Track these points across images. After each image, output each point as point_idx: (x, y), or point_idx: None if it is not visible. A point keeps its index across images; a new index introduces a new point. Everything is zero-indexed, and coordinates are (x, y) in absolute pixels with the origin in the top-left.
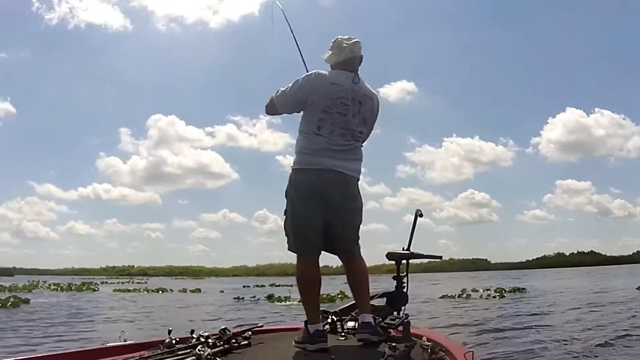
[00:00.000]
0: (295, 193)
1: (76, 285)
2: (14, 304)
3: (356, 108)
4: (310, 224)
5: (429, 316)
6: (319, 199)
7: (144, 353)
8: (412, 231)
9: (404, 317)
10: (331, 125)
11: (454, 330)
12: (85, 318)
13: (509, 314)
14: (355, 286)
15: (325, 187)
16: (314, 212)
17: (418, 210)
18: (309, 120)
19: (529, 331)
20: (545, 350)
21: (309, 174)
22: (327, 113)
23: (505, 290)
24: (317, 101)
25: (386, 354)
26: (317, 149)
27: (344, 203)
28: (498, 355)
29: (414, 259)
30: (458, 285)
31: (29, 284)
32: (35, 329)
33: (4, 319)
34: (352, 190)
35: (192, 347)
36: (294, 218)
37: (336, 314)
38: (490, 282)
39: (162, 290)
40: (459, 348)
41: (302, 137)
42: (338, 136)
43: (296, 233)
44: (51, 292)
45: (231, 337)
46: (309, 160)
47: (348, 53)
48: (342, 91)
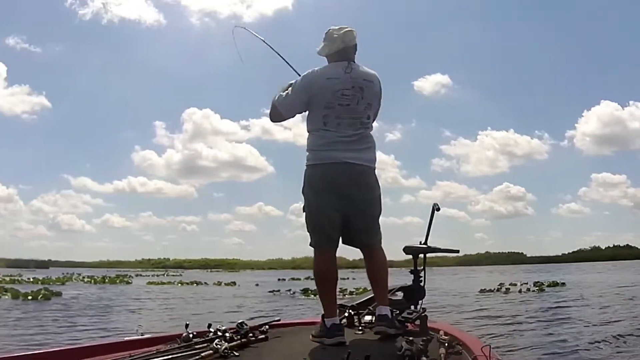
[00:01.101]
0: (310, 189)
1: (110, 277)
2: (45, 296)
3: (359, 95)
4: (327, 219)
5: (469, 310)
6: (334, 192)
7: (161, 347)
8: (429, 225)
9: (421, 311)
10: (336, 118)
11: (493, 324)
12: (114, 311)
13: (549, 308)
14: (373, 278)
15: (339, 180)
16: (330, 206)
17: (435, 204)
18: (313, 118)
19: (568, 326)
20: (584, 345)
21: (322, 169)
22: (330, 108)
23: (544, 284)
24: (318, 99)
25: (403, 348)
26: (326, 143)
27: (360, 194)
28: (532, 350)
29: (431, 252)
30: (495, 279)
31: (62, 276)
32: (63, 322)
33: (33, 311)
34: (367, 181)
35: (209, 341)
36: (311, 214)
37: (353, 308)
38: (528, 276)
39: (197, 283)
40: (476, 342)
41: (311, 135)
42: (346, 127)
43: (314, 228)
44: (84, 285)
45: (248, 331)
46: (321, 155)
47: (340, 43)
48: (339, 83)
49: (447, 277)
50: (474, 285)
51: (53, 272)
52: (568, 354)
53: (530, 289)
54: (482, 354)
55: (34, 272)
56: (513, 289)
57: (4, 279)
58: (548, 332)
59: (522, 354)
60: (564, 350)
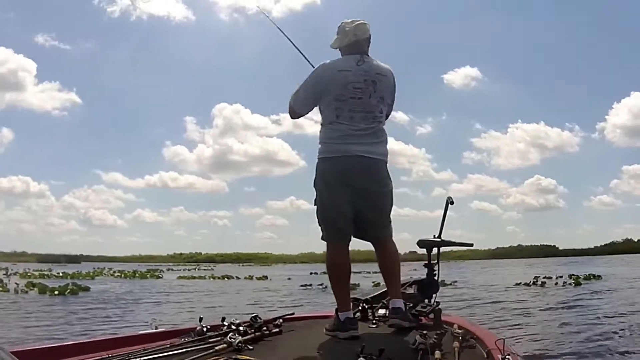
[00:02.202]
0: (322, 182)
1: (140, 272)
2: (72, 291)
3: (371, 88)
4: (340, 212)
5: (505, 304)
6: (347, 186)
7: (175, 340)
8: (443, 218)
9: (434, 304)
10: (349, 111)
11: (532, 319)
12: (141, 305)
13: (586, 301)
14: (385, 271)
15: (352, 173)
16: (343, 199)
17: (449, 198)
18: (326, 111)
19: (607, 320)
20: (624, 341)
21: (335, 162)
22: (342, 101)
23: (580, 277)
24: (330, 92)
25: (417, 342)
26: (339, 136)
27: (373, 188)
28: (569, 345)
29: (445, 246)
30: (529, 272)
31: (92, 271)
32: (87, 317)
33: (58, 306)
34: (380, 175)
35: (223, 335)
36: (323, 207)
37: (367, 301)
38: (561, 269)
39: (228, 277)
40: (490, 336)
41: (324, 128)
42: (359, 120)
43: (326, 222)
44: (114, 280)
45: (262, 324)
46: (334, 148)
47: (352, 36)
48: (351, 75)
49: (480, 271)
50: (508, 278)
51: (84, 267)
52: (605, 348)
53: (566, 282)
54: (496, 347)
55: (65, 267)
56: (549, 282)
57: (32, 273)
58: (586, 327)
59: (555, 349)
60: (600, 346)
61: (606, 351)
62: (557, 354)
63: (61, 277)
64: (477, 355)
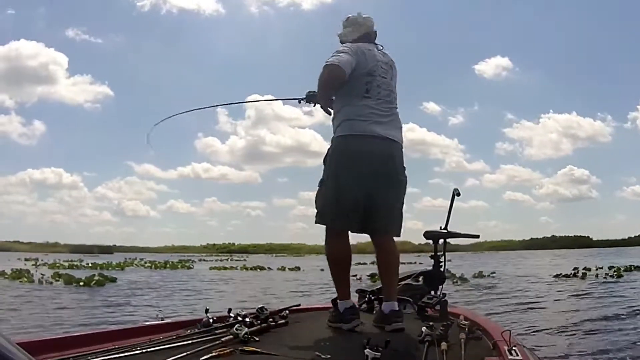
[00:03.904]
0: (341, 161)
1: (172, 263)
2: (99, 282)
3: (391, 72)
4: (354, 198)
5: (552, 298)
6: (367, 168)
7: (181, 332)
8: (449, 210)
9: (441, 296)
10: (378, 87)
11: (577, 313)
12: (167, 297)
13: (632, 294)
14: (385, 271)
15: (375, 155)
16: (358, 183)
17: (455, 190)
18: (355, 85)
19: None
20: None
21: (358, 141)
22: (372, 76)
23: (620, 268)
24: (362, 64)
25: (423, 333)
26: (367, 113)
27: (392, 176)
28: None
29: (451, 238)
30: (566, 264)
31: (123, 262)
32: (108, 309)
33: (81, 298)
34: (400, 162)
35: (229, 326)
36: (337, 189)
37: (373, 293)
38: (598, 260)
39: (260, 268)
40: (496, 327)
41: (349, 104)
42: (385, 100)
43: (332, 204)
44: (144, 270)
45: (268, 316)
46: (360, 126)
47: (365, 28)
48: (379, 55)
49: (516, 262)
50: (546, 270)
51: (116, 257)
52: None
53: (607, 273)
54: (502, 338)
55: (97, 258)
56: (589, 273)
57: (62, 264)
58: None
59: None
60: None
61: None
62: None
63: (90, 268)
64: (484, 347)
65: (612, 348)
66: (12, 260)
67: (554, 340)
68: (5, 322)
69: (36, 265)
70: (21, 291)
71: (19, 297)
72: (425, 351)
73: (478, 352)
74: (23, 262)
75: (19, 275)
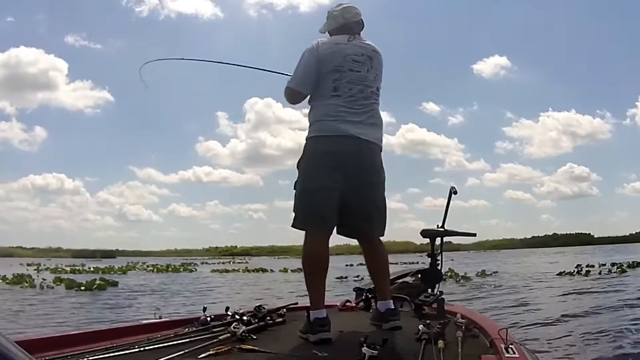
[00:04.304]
0: (310, 163)
1: (174, 266)
2: (100, 286)
3: (368, 63)
4: (327, 200)
5: (555, 296)
6: (336, 170)
7: (179, 330)
8: (446, 208)
9: (438, 294)
10: (348, 83)
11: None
12: (168, 300)
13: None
14: (375, 273)
15: (344, 156)
16: (331, 185)
17: (452, 188)
18: (323, 84)
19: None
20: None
21: (326, 142)
22: (340, 72)
23: (624, 265)
24: (328, 63)
25: (420, 331)
26: (336, 113)
27: (365, 176)
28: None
29: (448, 236)
30: (569, 261)
31: (125, 265)
32: (110, 311)
33: (83, 301)
34: (374, 161)
35: (227, 325)
36: (306, 191)
37: (370, 291)
38: (600, 257)
39: (263, 271)
40: (493, 325)
41: (318, 104)
42: (357, 95)
43: (307, 208)
44: (146, 274)
45: (266, 314)
46: (327, 127)
47: (340, 19)
48: (349, 48)
49: (518, 260)
50: (550, 267)
51: (118, 262)
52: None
53: (610, 270)
54: (499, 337)
55: (99, 262)
56: (592, 270)
57: (64, 269)
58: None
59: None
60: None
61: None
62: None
63: (92, 272)
64: (480, 345)
65: (613, 345)
66: (15, 266)
67: (557, 338)
68: (3, 325)
69: (38, 270)
70: (21, 296)
71: (18, 302)
72: (422, 349)
73: (475, 350)
74: (25, 267)
75: (19, 280)
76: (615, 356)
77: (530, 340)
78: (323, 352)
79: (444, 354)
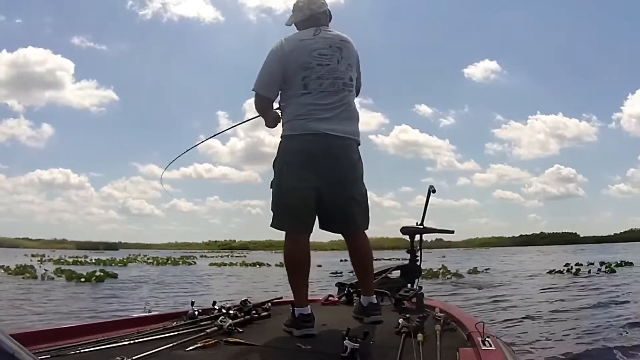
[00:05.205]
0: (283, 163)
1: (173, 259)
2: (99, 278)
3: (338, 54)
4: (301, 199)
5: (548, 294)
6: (310, 168)
7: (168, 323)
8: (425, 207)
9: (417, 289)
10: (317, 79)
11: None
12: (164, 291)
13: (628, 289)
14: (357, 268)
15: (316, 154)
16: (305, 184)
17: (431, 187)
18: (292, 84)
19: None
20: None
21: (299, 141)
22: (309, 69)
23: (612, 264)
24: (293, 61)
25: (400, 325)
26: (306, 111)
27: (339, 172)
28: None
29: (427, 233)
30: (557, 260)
31: (126, 258)
32: (105, 303)
33: (80, 292)
34: (350, 157)
35: (214, 318)
36: (281, 191)
37: (352, 286)
38: (587, 256)
39: (260, 264)
40: (470, 319)
41: (289, 103)
42: (328, 90)
43: (284, 209)
44: (146, 266)
45: (252, 308)
46: (297, 125)
47: (307, 10)
48: (315, 43)
49: (507, 258)
50: (538, 266)
51: (120, 254)
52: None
53: (600, 269)
54: (476, 330)
55: (102, 254)
56: (582, 269)
57: (67, 260)
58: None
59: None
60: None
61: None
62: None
63: (94, 264)
64: (458, 338)
65: (592, 342)
66: (20, 257)
67: (543, 334)
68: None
69: (41, 261)
70: (22, 286)
71: (18, 292)
72: (402, 342)
73: (453, 342)
74: (30, 258)
75: (22, 271)
76: (590, 352)
77: (518, 336)
78: (307, 345)
79: (423, 347)
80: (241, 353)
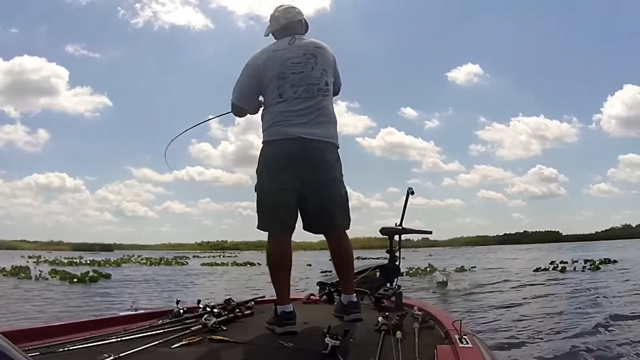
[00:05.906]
0: (264, 167)
1: (166, 259)
2: (93, 278)
3: (312, 61)
4: (281, 202)
5: (537, 291)
6: (289, 172)
7: (154, 321)
8: (404, 208)
9: (396, 288)
10: (292, 87)
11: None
12: (155, 291)
13: (616, 286)
14: (338, 267)
15: (292, 158)
16: (285, 187)
17: (409, 188)
18: (269, 93)
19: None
20: None
21: (276, 146)
22: (283, 78)
23: (596, 261)
24: (268, 72)
25: (380, 323)
26: (282, 117)
27: (316, 174)
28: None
29: (405, 233)
30: (542, 258)
31: (120, 258)
32: (96, 302)
33: (72, 292)
34: (326, 159)
35: (198, 317)
36: (263, 194)
37: (333, 285)
38: (570, 254)
39: (250, 264)
40: (448, 317)
41: (267, 111)
42: (303, 96)
43: (266, 211)
44: (139, 267)
45: (235, 306)
46: (273, 131)
47: (282, 20)
48: (288, 52)
49: (492, 257)
50: (524, 264)
51: (115, 254)
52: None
53: (585, 267)
54: (453, 327)
55: (97, 255)
56: (567, 267)
57: (62, 261)
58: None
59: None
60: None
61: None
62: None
63: (88, 265)
64: (436, 335)
65: (577, 335)
66: (17, 258)
67: (525, 331)
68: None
69: (37, 262)
70: (15, 287)
71: (11, 292)
72: (381, 339)
73: (431, 340)
74: (26, 260)
75: (17, 272)
76: (571, 351)
77: (500, 333)
78: (289, 342)
79: (402, 344)
80: (225, 350)
